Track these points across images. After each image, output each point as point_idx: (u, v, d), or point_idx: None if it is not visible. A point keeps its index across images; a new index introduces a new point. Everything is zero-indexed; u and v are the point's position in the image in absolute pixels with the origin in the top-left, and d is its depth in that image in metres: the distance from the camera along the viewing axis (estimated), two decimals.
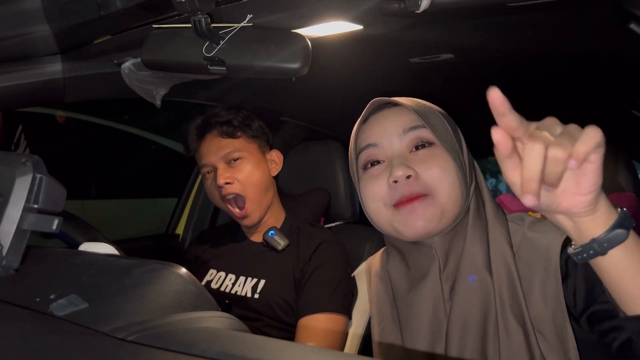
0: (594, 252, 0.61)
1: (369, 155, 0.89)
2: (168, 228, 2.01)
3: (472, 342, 0.81)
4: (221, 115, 1.39)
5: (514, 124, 0.56)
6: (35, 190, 0.60)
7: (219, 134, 1.37)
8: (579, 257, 0.62)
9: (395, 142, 0.87)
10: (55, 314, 0.53)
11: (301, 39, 0.86)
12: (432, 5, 0.78)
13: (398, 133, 0.86)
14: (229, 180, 1.33)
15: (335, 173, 1.67)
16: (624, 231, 0.59)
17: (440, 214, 0.83)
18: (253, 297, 1.32)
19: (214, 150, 1.36)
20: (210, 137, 1.38)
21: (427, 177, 0.83)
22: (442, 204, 0.83)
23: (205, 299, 0.61)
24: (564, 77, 1.72)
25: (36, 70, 1.07)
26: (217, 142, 1.37)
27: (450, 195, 0.83)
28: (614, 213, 0.60)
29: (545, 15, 1.05)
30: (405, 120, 0.86)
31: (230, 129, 1.37)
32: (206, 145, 1.38)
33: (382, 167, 0.87)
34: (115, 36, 1.03)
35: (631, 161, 1.45)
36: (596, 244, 0.60)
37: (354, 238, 1.55)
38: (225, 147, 1.36)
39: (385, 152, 0.87)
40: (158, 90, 1.21)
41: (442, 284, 0.86)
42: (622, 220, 0.60)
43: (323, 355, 0.46)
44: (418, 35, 1.17)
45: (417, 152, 0.85)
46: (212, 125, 1.39)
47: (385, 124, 0.89)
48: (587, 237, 0.61)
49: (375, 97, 0.91)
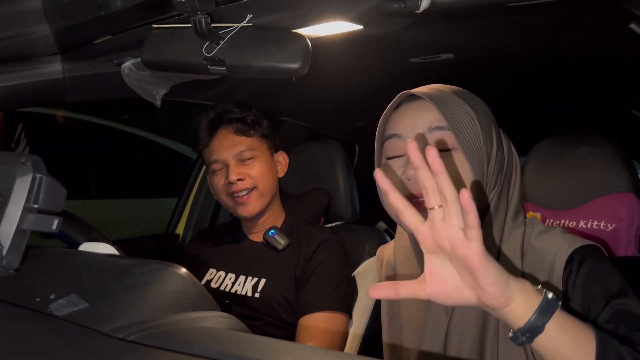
0: (521, 341, 0.64)
1: (393, 146, 0.87)
2: (168, 228, 2.01)
3: (470, 344, 0.81)
4: (235, 112, 1.38)
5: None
6: (35, 190, 0.60)
7: (233, 130, 1.36)
8: (515, 343, 0.65)
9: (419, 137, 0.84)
10: (55, 314, 0.53)
11: (301, 39, 0.86)
12: (432, 5, 0.78)
13: (423, 130, 0.84)
14: (241, 177, 1.33)
15: (335, 173, 1.67)
16: (543, 322, 0.63)
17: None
18: (253, 297, 1.32)
19: (227, 146, 1.35)
20: (223, 133, 1.37)
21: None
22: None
23: (205, 299, 0.61)
24: (564, 77, 1.72)
25: (36, 70, 1.07)
26: (230, 138, 1.36)
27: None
28: (534, 300, 0.63)
29: (545, 15, 1.05)
30: (433, 118, 0.83)
31: (245, 126, 1.36)
32: (218, 141, 1.37)
33: (401, 161, 0.86)
34: (115, 36, 1.03)
35: (631, 161, 1.44)
36: (520, 333, 0.64)
37: (354, 238, 1.55)
38: (239, 144, 1.35)
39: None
40: (158, 90, 1.21)
41: None
42: (542, 309, 0.63)
43: (323, 355, 0.46)
44: (418, 35, 1.17)
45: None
46: (225, 121, 1.38)
47: (413, 117, 0.85)
48: (513, 326, 0.65)
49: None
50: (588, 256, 0.80)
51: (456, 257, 0.62)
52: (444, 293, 0.64)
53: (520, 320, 0.64)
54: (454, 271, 0.64)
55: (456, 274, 0.64)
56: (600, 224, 1.36)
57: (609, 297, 0.75)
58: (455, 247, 0.61)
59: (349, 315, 1.25)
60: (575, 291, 0.78)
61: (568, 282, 0.79)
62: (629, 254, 1.34)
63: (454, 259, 0.63)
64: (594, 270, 0.79)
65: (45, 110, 2.94)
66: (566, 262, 0.80)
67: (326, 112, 2.03)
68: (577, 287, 0.78)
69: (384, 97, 0.90)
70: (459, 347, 0.82)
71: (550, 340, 0.64)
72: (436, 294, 0.65)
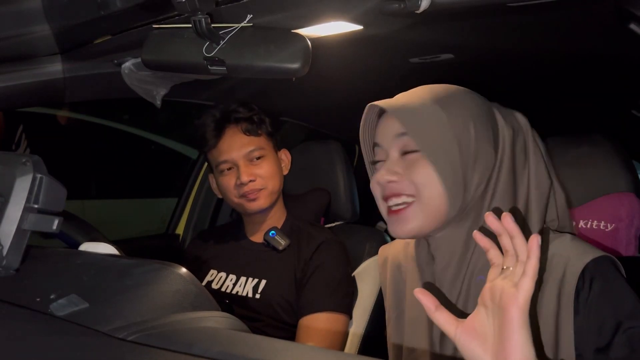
0: None
1: (376, 153, 0.92)
2: (168, 228, 2.01)
3: None
4: (241, 112, 1.38)
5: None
6: (36, 190, 0.60)
7: (242, 130, 1.36)
8: None
9: (390, 145, 0.88)
10: (55, 314, 0.53)
11: (301, 39, 0.86)
12: (432, 5, 0.78)
13: (391, 137, 0.88)
14: (253, 178, 1.33)
15: (335, 173, 1.67)
16: None
17: (425, 217, 0.84)
18: (254, 297, 1.32)
19: (236, 147, 1.35)
20: (230, 133, 1.36)
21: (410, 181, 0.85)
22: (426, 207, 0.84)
23: (206, 299, 0.61)
24: (563, 77, 1.72)
25: (36, 70, 1.07)
26: (239, 138, 1.35)
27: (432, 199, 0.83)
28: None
29: (545, 15, 1.05)
30: (397, 126, 0.87)
31: (253, 126, 1.36)
32: (227, 142, 1.36)
33: (380, 166, 0.90)
34: (115, 36, 1.03)
35: (631, 161, 1.44)
36: None
37: (354, 238, 1.55)
38: (248, 144, 1.35)
39: (385, 152, 0.90)
40: (158, 90, 1.21)
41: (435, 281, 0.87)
42: None
43: (323, 355, 0.46)
44: (418, 35, 1.17)
45: (406, 156, 0.87)
46: (232, 121, 1.37)
47: (385, 125, 0.90)
48: None
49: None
50: (600, 271, 0.78)
51: (499, 309, 0.64)
52: (469, 343, 0.66)
53: None
54: (491, 331, 0.66)
55: (491, 335, 0.65)
56: (600, 224, 1.36)
57: (621, 317, 0.73)
58: (503, 296, 0.64)
59: (349, 315, 1.25)
60: (584, 308, 0.76)
61: (579, 297, 0.77)
62: (629, 254, 1.33)
63: (496, 315, 0.65)
64: (606, 288, 0.76)
65: (46, 110, 2.94)
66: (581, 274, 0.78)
67: (326, 112, 2.03)
68: (589, 305, 0.76)
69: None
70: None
71: None
72: (462, 339, 0.67)
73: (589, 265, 0.78)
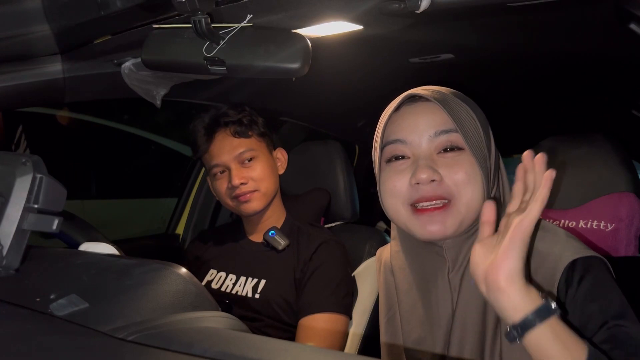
0: (513, 336, 0.69)
1: (395, 149, 0.86)
2: (168, 228, 2.01)
3: (471, 343, 0.81)
4: (230, 115, 1.38)
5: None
6: (36, 190, 0.60)
7: (231, 133, 1.36)
8: (508, 339, 0.70)
9: (424, 142, 0.83)
10: (55, 314, 0.53)
11: (301, 39, 0.86)
12: (432, 5, 0.78)
13: (429, 134, 0.83)
14: (244, 181, 1.33)
15: (335, 173, 1.67)
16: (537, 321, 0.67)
17: (459, 222, 0.82)
18: (254, 297, 1.32)
19: (227, 150, 1.35)
20: (220, 137, 1.37)
21: (450, 182, 0.81)
22: (462, 212, 0.81)
23: (206, 299, 0.61)
24: (563, 77, 1.72)
25: (36, 70, 1.07)
26: (229, 141, 1.36)
27: (471, 203, 0.81)
28: (536, 300, 0.68)
29: (546, 15, 1.05)
30: (439, 121, 0.83)
31: (242, 128, 1.37)
32: (217, 145, 1.37)
33: (406, 164, 0.84)
34: (115, 36, 1.03)
35: (631, 161, 1.44)
36: (513, 327, 0.69)
37: (354, 238, 1.55)
38: (238, 146, 1.35)
39: (413, 149, 0.84)
40: (158, 90, 1.21)
41: (450, 285, 0.86)
42: (539, 311, 0.67)
43: (323, 355, 0.46)
44: (418, 35, 1.17)
45: (444, 154, 0.82)
46: (222, 125, 1.38)
47: (417, 120, 0.84)
48: (507, 319, 0.70)
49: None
50: (590, 270, 0.78)
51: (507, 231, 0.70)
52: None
53: (515, 313, 0.67)
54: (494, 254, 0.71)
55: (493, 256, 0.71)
56: (600, 224, 1.36)
57: (607, 317, 0.73)
58: (513, 221, 0.70)
59: (348, 316, 1.25)
60: (573, 306, 0.77)
61: (567, 294, 0.77)
62: (629, 254, 1.33)
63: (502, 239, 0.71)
64: (595, 286, 0.77)
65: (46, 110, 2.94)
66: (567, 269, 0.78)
67: (326, 112, 2.03)
68: (576, 302, 0.76)
69: (384, 97, 0.90)
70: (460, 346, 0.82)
71: (540, 342, 0.66)
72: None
73: (578, 262, 0.79)
